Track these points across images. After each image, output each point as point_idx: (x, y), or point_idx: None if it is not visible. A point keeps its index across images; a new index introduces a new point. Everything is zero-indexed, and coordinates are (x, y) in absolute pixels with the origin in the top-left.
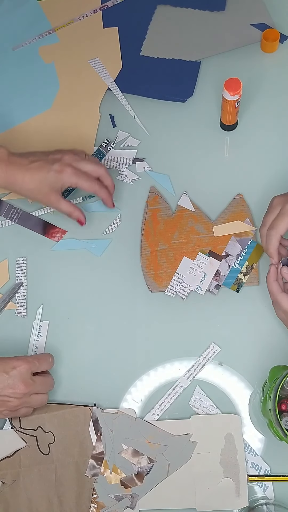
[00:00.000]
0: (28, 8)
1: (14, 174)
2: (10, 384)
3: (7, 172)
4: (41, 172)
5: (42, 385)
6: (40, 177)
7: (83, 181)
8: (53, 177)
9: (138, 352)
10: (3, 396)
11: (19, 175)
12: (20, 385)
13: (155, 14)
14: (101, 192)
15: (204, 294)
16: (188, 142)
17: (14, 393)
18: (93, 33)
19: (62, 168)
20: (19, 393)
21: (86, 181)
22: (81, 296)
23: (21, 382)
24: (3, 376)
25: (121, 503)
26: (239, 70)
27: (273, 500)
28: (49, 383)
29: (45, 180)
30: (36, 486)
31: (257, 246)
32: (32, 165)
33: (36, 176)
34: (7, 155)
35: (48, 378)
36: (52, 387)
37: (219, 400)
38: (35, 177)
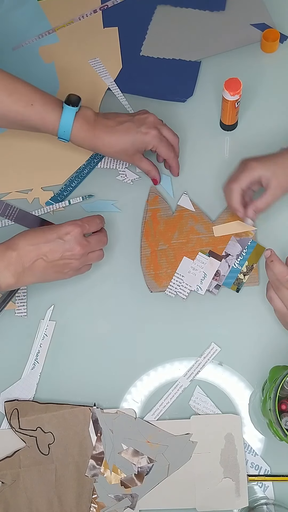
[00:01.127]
0: (28, 8)
1: (101, 136)
2: (68, 248)
3: (94, 133)
4: (128, 135)
5: (96, 243)
6: (127, 139)
7: (162, 146)
8: (139, 139)
9: (138, 352)
10: (64, 260)
11: (106, 137)
12: (77, 247)
13: (155, 14)
14: (174, 161)
15: (204, 294)
16: (188, 142)
17: (73, 255)
18: (93, 33)
19: (148, 130)
20: (77, 254)
21: (165, 147)
22: (81, 296)
23: (77, 244)
24: (60, 242)
25: (121, 503)
26: (239, 70)
27: (273, 500)
28: (102, 240)
29: (131, 142)
30: (36, 486)
31: (257, 246)
32: (119, 127)
33: (122, 139)
34: (93, 116)
35: (100, 235)
36: (106, 243)
37: (219, 400)
38: (122, 139)
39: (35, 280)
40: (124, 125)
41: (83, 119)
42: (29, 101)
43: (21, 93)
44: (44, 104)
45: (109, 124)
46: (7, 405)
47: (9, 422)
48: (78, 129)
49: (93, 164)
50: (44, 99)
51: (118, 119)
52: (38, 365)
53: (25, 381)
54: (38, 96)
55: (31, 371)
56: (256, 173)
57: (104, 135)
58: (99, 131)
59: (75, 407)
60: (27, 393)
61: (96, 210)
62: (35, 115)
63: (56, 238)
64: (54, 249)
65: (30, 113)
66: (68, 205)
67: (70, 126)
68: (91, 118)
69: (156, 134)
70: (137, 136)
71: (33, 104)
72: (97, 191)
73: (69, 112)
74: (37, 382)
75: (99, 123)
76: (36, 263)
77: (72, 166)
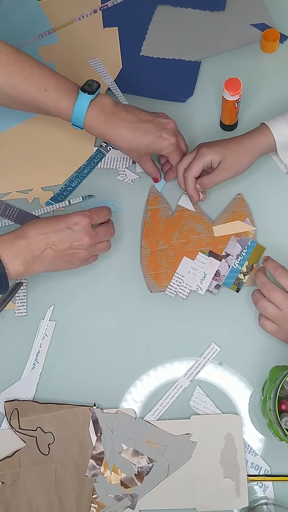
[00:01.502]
0: (28, 8)
1: (119, 129)
2: (76, 238)
3: (111, 124)
4: (147, 136)
5: (104, 234)
6: (145, 139)
7: (176, 155)
8: (157, 143)
9: (138, 352)
10: (72, 249)
11: (123, 132)
12: (85, 237)
13: (155, 14)
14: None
15: (204, 294)
16: (188, 142)
17: (81, 245)
18: (93, 33)
19: (168, 137)
20: (86, 244)
21: (177, 156)
22: (81, 296)
23: (85, 235)
24: (68, 232)
25: (121, 503)
26: (239, 70)
27: (273, 500)
28: (110, 231)
29: (148, 144)
30: (36, 486)
31: (257, 246)
32: (140, 125)
33: (141, 138)
34: (111, 106)
35: (108, 227)
36: (113, 234)
37: (219, 400)
38: (140, 138)
39: (43, 269)
40: (145, 125)
41: (100, 108)
42: (43, 86)
43: (36, 78)
44: (58, 89)
45: (130, 118)
46: (7, 405)
47: (9, 422)
48: (92, 117)
49: (93, 164)
50: (59, 84)
51: (140, 116)
52: (38, 365)
53: (25, 381)
54: (53, 81)
55: (31, 371)
56: (207, 159)
57: (122, 129)
58: (118, 123)
59: (75, 407)
60: (27, 393)
61: None
62: (48, 100)
63: (65, 228)
64: (63, 239)
65: (44, 98)
66: (68, 205)
67: (83, 113)
68: (108, 107)
69: (174, 143)
70: (156, 140)
71: (47, 90)
72: (97, 191)
73: (84, 100)
74: (37, 382)
75: (118, 115)
76: (45, 252)
77: (72, 166)
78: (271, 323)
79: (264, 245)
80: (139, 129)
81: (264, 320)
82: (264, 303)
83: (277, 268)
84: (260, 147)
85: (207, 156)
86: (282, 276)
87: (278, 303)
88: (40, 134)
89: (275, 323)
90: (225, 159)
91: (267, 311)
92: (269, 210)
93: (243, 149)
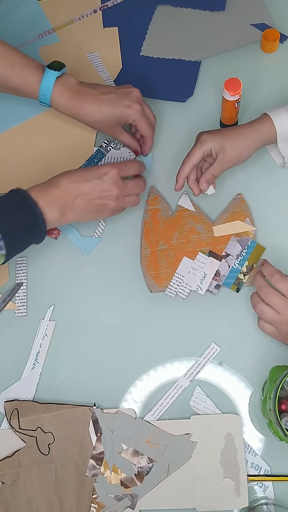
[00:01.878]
0: (28, 8)
1: (83, 104)
2: (105, 188)
3: (76, 101)
4: (111, 106)
5: (133, 187)
6: (109, 110)
7: (143, 122)
8: (121, 112)
9: (138, 352)
10: (102, 199)
11: (87, 106)
12: (114, 188)
13: (155, 14)
14: (150, 140)
15: (204, 294)
16: (188, 142)
17: (110, 196)
18: (93, 33)
19: (131, 103)
20: (114, 195)
21: (145, 123)
22: (81, 296)
23: (114, 185)
24: (98, 182)
25: (121, 503)
26: (239, 70)
27: (273, 500)
28: (140, 185)
29: (114, 114)
30: (36, 486)
31: (257, 246)
32: (103, 97)
33: (105, 109)
34: (76, 84)
35: (138, 181)
36: (143, 189)
37: (219, 400)
38: (104, 110)
39: (76, 217)
40: (108, 96)
41: (65, 84)
42: (10, 63)
43: (2, 55)
44: (25, 67)
45: (92, 93)
46: (7, 405)
47: (9, 422)
48: (59, 94)
49: (93, 164)
50: (26, 62)
51: (102, 89)
52: (38, 365)
53: (25, 381)
54: (20, 59)
55: (31, 371)
56: (207, 145)
57: (86, 104)
58: (82, 98)
59: (75, 407)
60: (27, 393)
61: None
62: (16, 77)
63: (94, 178)
64: (93, 188)
65: (11, 75)
66: None
67: (50, 89)
68: (73, 85)
69: (139, 109)
70: (120, 109)
71: (14, 67)
72: None
73: (50, 76)
74: (37, 382)
75: (82, 91)
76: (76, 201)
77: (72, 166)
78: (270, 325)
79: (264, 245)
80: (103, 101)
81: (262, 323)
82: (262, 307)
83: (274, 273)
84: (261, 137)
85: (208, 143)
86: (279, 281)
87: (276, 307)
88: (40, 134)
89: (274, 326)
90: (224, 148)
91: (265, 314)
92: (269, 210)
93: (244, 139)
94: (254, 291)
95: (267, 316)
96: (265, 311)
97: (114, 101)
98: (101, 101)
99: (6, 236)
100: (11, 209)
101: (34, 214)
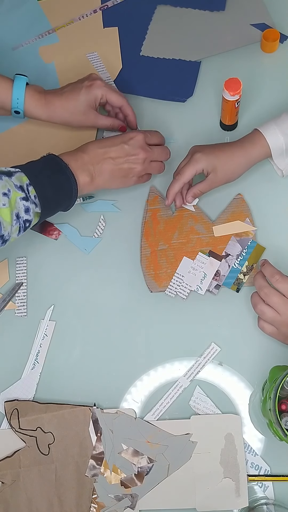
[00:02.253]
0: (28, 8)
1: (52, 101)
2: (132, 152)
3: (46, 101)
4: (74, 92)
5: (159, 153)
6: (75, 96)
7: (112, 92)
8: (85, 93)
9: (138, 352)
10: (129, 163)
11: (56, 101)
12: (140, 152)
13: (155, 14)
14: (129, 108)
15: (204, 294)
16: (188, 142)
17: (137, 159)
18: (93, 33)
19: (91, 82)
20: (141, 158)
21: (115, 93)
22: (81, 296)
23: (140, 149)
24: (124, 147)
25: (121, 503)
26: (239, 70)
27: (273, 500)
28: (165, 152)
29: (79, 98)
30: (36, 486)
31: (257, 246)
32: (65, 90)
33: (71, 97)
34: (42, 89)
35: (164, 148)
36: (168, 156)
37: (219, 400)
38: (71, 98)
39: (103, 183)
40: (68, 87)
41: (35, 89)
42: None
43: None
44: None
45: (56, 92)
46: (7, 405)
47: (9, 422)
48: (30, 97)
49: None
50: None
51: (63, 87)
52: (38, 365)
53: (25, 381)
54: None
55: (31, 371)
56: (200, 166)
57: (54, 99)
58: (49, 97)
59: (75, 407)
60: (27, 393)
61: (96, 210)
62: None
63: (121, 142)
64: (120, 152)
65: None
66: None
67: (23, 93)
68: (41, 89)
69: (102, 84)
70: (83, 90)
71: None
72: (97, 191)
73: (21, 81)
74: (37, 382)
75: (48, 93)
76: (104, 165)
77: None
78: (270, 325)
79: (264, 245)
80: (66, 92)
81: (263, 323)
82: (263, 307)
83: (274, 274)
84: (254, 159)
85: (201, 164)
86: (279, 282)
87: (276, 307)
88: (40, 134)
89: (274, 326)
90: (216, 169)
91: (266, 315)
92: (269, 210)
93: (236, 161)
94: (255, 291)
95: (267, 316)
96: (266, 311)
97: (75, 87)
98: (65, 92)
99: (41, 194)
100: (45, 170)
101: (67, 176)
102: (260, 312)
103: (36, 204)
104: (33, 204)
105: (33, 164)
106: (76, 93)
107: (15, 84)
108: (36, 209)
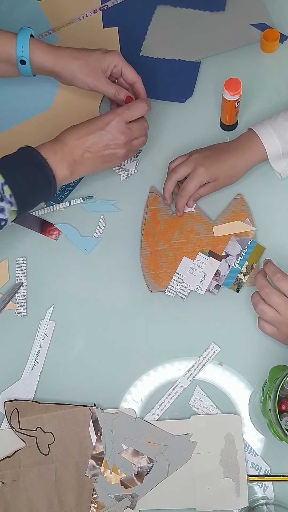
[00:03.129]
0: (28, 8)
1: (62, 48)
2: (111, 138)
3: (54, 49)
4: (89, 50)
5: (138, 130)
6: (89, 52)
7: (128, 67)
8: (100, 54)
9: (138, 352)
10: (110, 149)
11: (67, 49)
12: (120, 136)
13: (155, 14)
14: (141, 85)
15: (204, 294)
16: (188, 142)
17: (117, 144)
18: (93, 33)
19: (109, 50)
20: (122, 143)
21: (130, 68)
22: (81, 296)
23: (119, 133)
24: (102, 133)
25: (121, 503)
26: (239, 70)
27: (273, 500)
28: (144, 126)
29: (93, 54)
30: (36, 486)
31: (257, 246)
32: (83, 49)
33: (84, 51)
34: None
35: (141, 122)
36: (147, 128)
37: (219, 400)
38: (84, 51)
39: (87, 171)
40: (88, 50)
41: (41, 41)
42: None
43: None
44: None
45: (73, 48)
46: (7, 405)
47: (9, 422)
48: (35, 43)
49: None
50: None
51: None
52: (38, 365)
53: (25, 381)
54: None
55: (31, 371)
56: (204, 180)
57: (65, 48)
58: (59, 48)
59: (75, 407)
60: (27, 393)
61: (96, 210)
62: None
63: (97, 129)
64: (97, 141)
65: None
66: (68, 206)
67: (27, 40)
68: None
69: (120, 56)
70: (99, 52)
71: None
72: (97, 191)
73: (25, 32)
74: (37, 382)
75: (60, 47)
76: (84, 156)
77: None
78: (270, 326)
79: (264, 245)
80: (78, 49)
81: (263, 323)
82: (263, 307)
83: (276, 272)
84: (254, 162)
85: (204, 178)
86: (280, 280)
87: (277, 307)
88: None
89: (274, 326)
90: (218, 179)
91: (266, 315)
92: (269, 210)
93: (237, 170)
94: (255, 291)
95: (267, 316)
96: (266, 311)
97: (94, 51)
98: (77, 50)
99: (17, 193)
100: (21, 166)
101: (45, 171)
102: (261, 311)
103: (11, 203)
104: (9, 203)
105: (9, 159)
106: (92, 50)
107: (20, 34)
108: (12, 207)
